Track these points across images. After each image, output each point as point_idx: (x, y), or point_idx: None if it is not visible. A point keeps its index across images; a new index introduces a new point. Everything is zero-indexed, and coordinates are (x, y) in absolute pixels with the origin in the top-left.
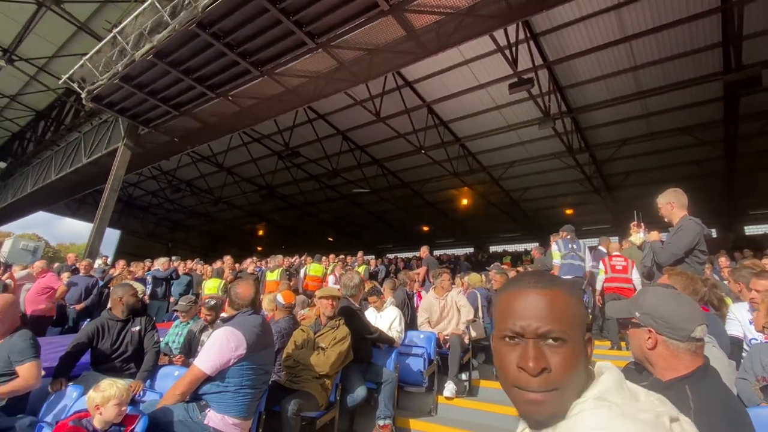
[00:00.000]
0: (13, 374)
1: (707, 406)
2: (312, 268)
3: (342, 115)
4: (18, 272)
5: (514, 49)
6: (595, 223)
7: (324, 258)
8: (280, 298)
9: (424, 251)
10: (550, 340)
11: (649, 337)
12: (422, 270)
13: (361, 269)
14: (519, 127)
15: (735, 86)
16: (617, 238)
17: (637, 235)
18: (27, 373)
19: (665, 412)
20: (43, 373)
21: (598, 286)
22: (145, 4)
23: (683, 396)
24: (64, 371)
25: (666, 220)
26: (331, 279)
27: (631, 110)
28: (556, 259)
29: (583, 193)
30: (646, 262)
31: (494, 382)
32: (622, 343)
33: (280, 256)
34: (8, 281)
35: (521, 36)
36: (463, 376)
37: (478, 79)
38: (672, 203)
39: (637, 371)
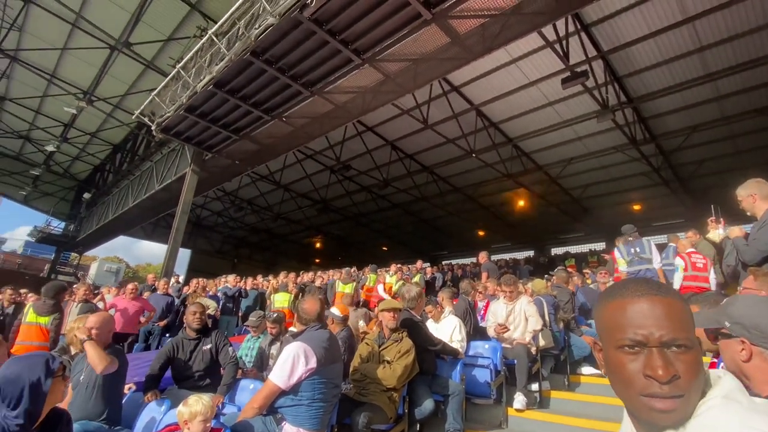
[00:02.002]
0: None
1: None
2: (372, 278)
3: (390, 126)
4: (108, 295)
5: (564, 42)
6: (667, 217)
7: (379, 269)
8: (335, 311)
9: (482, 257)
10: (674, 348)
11: (743, 349)
12: (484, 277)
13: (417, 278)
14: (575, 122)
15: None
16: (691, 232)
17: (716, 231)
18: None
19: None
20: (134, 387)
21: (677, 284)
22: (204, 39)
23: None
24: (154, 385)
25: (748, 213)
26: (379, 288)
27: (700, 94)
28: (622, 267)
29: (650, 187)
30: (729, 260)
31: (566, 393)
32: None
33: (347, 268)
34: (99, 303)
35: (571, 29)
36: (533, 387)
37: (527, 77)
38: (754, 195)
39: None
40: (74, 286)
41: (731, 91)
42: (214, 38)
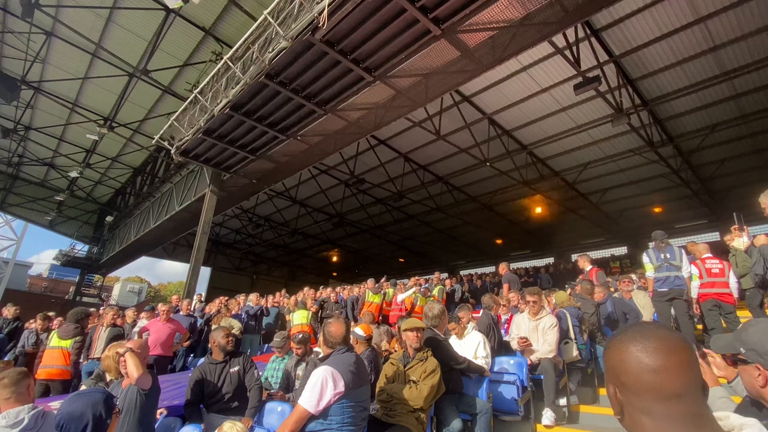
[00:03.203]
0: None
1: None
2: (389, 293)
3: (402, 138)
4: (142, 320)
5: (574, 48)
6: (690, 219)
7: (398, 282)
8: (359, 330)
9: (503, 268)
10: None
11: (759, 374)
12: (505, 290)
13: (436, 291)
14: (590, 126)
15: None
16: (717, 233)
17: (740, 240)
18: None
19: None
20: (165, 412)
21: (693, 294)
22: (219, 64)
23: None
24: (195, 416)
25: None
26: (399, 297)
27: (717, 93)
28: (650, 272)
29: (671, 188)
30: (758, 269)
31: (595, 407)
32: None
33: (372, 279)
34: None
35: (581, 35)
36: (561, 402)
37: (539, 84)
38: None
39: (757, 408)
40: (101, 309)
41: (749, 89)
42: (230, 63)
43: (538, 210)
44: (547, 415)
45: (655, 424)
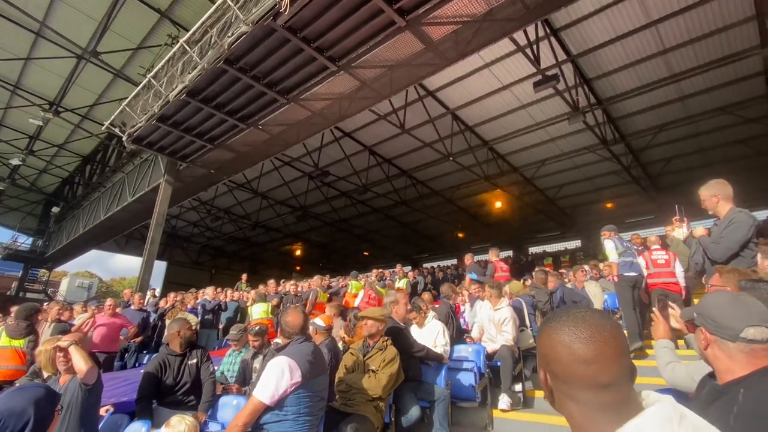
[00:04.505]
0: None
1: (755, 411)
2: (354, 285)
3: (367, 131)
4: (82, 314)
5: (535, 47)
6: (638, 214)
7: (360, 275)
8: (319, 321)
9: (468, 259)
10: None
11: (703, 337)
12: (467, 281)
13: (402, 283)
14: (548, 124)
15: None
16: (663, 228)
17: (680, 230)
18: None
19: None
20: (111, 410)
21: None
22: (175, 48)
23: (732, 401)
24: (146, 411)
25: (710, 213)
26: (360, 294)
27: (666, 95)
28: (613, 257)
29: (622, 185)
30: (697, 258)
31: None
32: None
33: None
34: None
35: (541, 33)
36: (517, 388)
37: (501, 81)
38: (717, 195)
39: (712, 378)
40: (46, 304)
41: (695, 91)
42: (186, 47)
43: (498, 204)
44: (503, 400)
45: (582, 410)
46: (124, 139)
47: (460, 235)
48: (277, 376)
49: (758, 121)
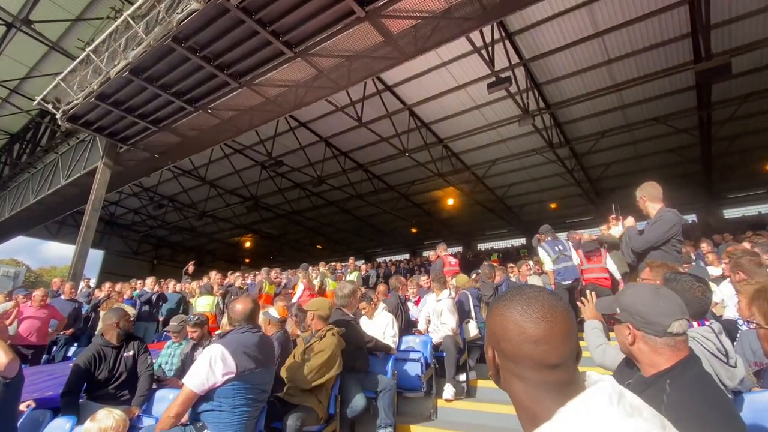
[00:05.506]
0: None
1: (682, 400)
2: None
3: (324, 122)
4: (2, 305)
5: (490, 49)
6: (579, 215)
7: (312, 267)
8: (273, 312)
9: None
10: None
11: (629, 333)
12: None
13: (354, 276)
14: (499, 125)
15: (706, 74)
16: (599, 229)
17: (616, 227)
18: None
19: None
20: (33, 405)
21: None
22: (118, 21)
23: (661, 391)
24: (72, 406)
25: (644, 213)
26: (299, 288)
27: (608, 103)
28: (549, 265)
29: (565, 187)
30: (626, 249)
31: (492, 382)
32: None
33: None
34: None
35: (497, 36)
36: (461, 378)
37: (456, 80)
38: (644, 197)
39: (628, 367)
40: None
41: (634, 101)
42: (131, 21)
43: (451, 201)
44: (448, 390)
45: (527, 389)
46: (58, 116)
47: (414, 230)
48: (208, 364)
49: (688, 131)
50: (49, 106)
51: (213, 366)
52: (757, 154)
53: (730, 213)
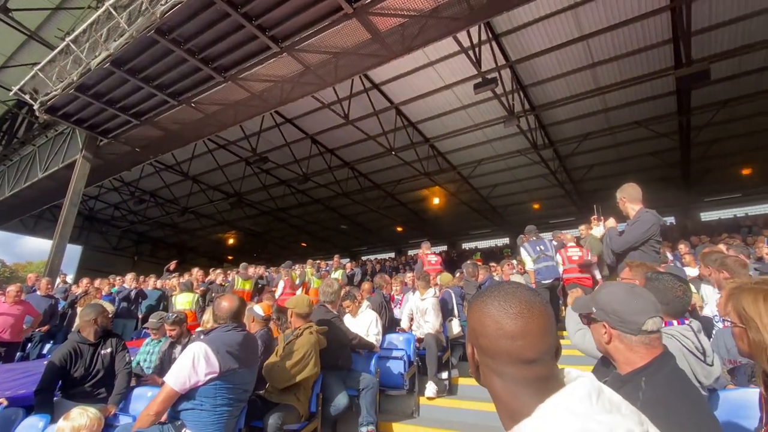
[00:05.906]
0: None
1: (657, 397)
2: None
3: (310, 119)
4: None
5: (477, 49)
6: (562, 216)
7: (298, 265)
8: (257, 309)
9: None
10: None
11: (605, 332)
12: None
13: (338, 274)
14: (485, 125)
15: (686, 80)
16: (584, 226)
17: (598, 228)
18: None
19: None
20: (5, 403)
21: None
22: (100, 11)
23: (637, 389)
24: (46, 404)
25: (624, 213)
26: (280, 286)
27: (591, 106)
28: (530, 265)
29: (548, 188)
30: (609, 252)
31: (474, 380)
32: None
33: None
34: None
35: (484, 37)
36: (443, 375)
37: (443, 80)
38: (623, 198)
39: (605, 366)
40: None
41: (617, 105)
42: (113, 11)
43: (436, 201)
44: (430, 388)
45: (506, 385)
46: (35, 107)
47: (399, 229)
48: (191, 363)
49: (668, 136)
50: (27, 97)
51: (196, 365)
52: (734, 159)
53: (707, 216)
